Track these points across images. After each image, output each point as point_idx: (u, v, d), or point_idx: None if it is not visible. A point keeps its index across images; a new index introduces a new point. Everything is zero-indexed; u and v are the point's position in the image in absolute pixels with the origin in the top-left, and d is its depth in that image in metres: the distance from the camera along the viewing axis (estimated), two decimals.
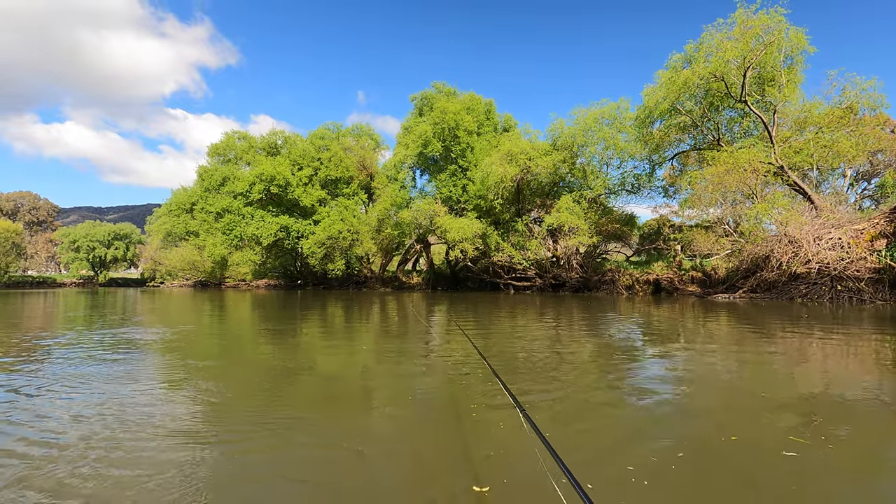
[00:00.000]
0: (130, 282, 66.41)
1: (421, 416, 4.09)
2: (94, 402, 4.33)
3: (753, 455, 3.09)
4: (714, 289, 21.30)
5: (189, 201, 37.59)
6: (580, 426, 3.73)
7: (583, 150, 26.62)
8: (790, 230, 17.76)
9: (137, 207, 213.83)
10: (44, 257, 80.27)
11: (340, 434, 3.52)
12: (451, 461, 3.03)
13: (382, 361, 6.61)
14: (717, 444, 3.29)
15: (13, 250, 56.28)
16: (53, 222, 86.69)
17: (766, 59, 19.88)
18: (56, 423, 3.76)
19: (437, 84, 34.57)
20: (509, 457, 3.07)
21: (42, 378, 5.32)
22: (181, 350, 7.38)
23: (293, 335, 9.39)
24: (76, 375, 5.43)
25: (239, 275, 45.14)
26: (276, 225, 33.64)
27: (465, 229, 26.56)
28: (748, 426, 3.66)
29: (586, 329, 10.00)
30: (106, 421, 3.77)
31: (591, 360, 6.48)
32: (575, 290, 25.98)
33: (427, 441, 3.44)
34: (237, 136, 38.89)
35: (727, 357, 6.67)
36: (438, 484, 2.73)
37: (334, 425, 3.78)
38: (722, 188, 19.84)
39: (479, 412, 4.02)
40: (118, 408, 4.14)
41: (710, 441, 3.35)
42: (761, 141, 21.26)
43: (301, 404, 4.41)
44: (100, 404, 4.24)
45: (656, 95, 22.12)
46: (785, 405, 4.22)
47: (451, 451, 3.20)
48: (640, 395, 4.51)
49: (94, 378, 5.29)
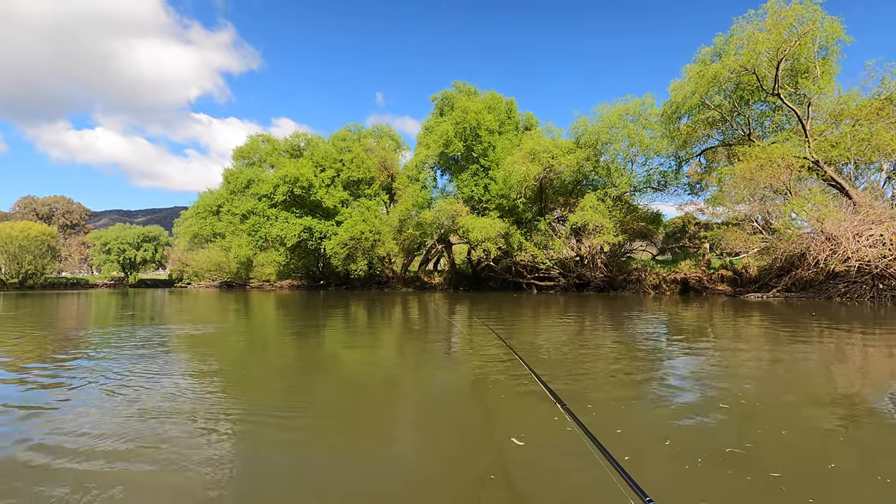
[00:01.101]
0: (159, 283, 68.14)
1: (447, 408, 4.01)
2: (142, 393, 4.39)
3: (788, 458, 2.95)
4: (745, 288, 20.71)
5: (215, 203, 38.35)
6: (611, 426, 3.60)
7: (607, 147, 26.19)
8: (827, 227, 17.12)
9: (165, 210, 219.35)
10: (77, 259, 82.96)
11: (366, 423, 3.49)
12: (480, 450, 2.95)
13: (406, 357, 6.57)
14: (750, 445, 3.14)
15: (48, 253, 58.28)
16: (86, 225, 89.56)
17: (800, 51, 19.22)
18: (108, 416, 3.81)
19: (457, 84, 34.53)
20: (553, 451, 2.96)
21: (96, 373, 5.43)
22: (212, 346, 7.47)
23: (315, 335, 9.43)
24: (125, 372, 5.52)
25: (263, 275, 45.84)
26: (300, 226, 34.04)
27: (487, 229, 26.42)
28: (784, 427, 3.47)
29: (612, 328, 9.79)
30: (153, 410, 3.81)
31: (617, 358, 6.31)
32: (599, 290, 25.58)
33: (453, 435, 3.37)
34: (261, 138, 39.52)
35: (760, 356, 6.42)
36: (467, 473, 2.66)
37: (361, 416, 3.75)
38: (753, 184, 19.25)
39: (509, 400, 3.92)
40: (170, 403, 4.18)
41: (744, 442, 3.18)
42: (795, 135, 20.56)
43: (328, 395, 4.39)
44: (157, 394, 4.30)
45: (684, 90, 21.61)
46: (821, 406, 4.01)
47: (478, 438, 3.12)
48: (671, 395, 4.34)
49: (139, 372, 5.38)
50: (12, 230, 53.35)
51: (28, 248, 53.96)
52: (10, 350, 7.54)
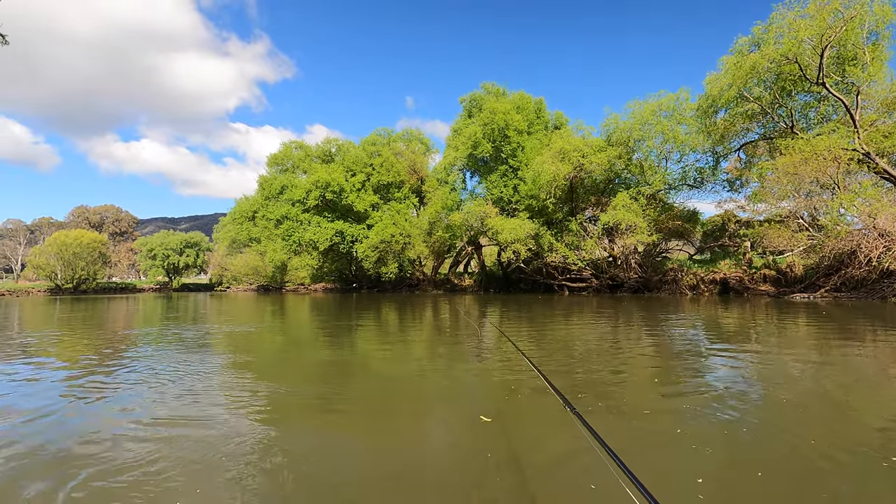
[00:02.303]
0: (200, 286, 70.86)
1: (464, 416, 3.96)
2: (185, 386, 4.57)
3: (839, 473, 2.73)
4: (790, 288, 19.71)
5: (251, 209, 39.56)
6: (644, 432, 3.46)
7: (639, 144, 25.52)
8: (880, 222, 16.10)
9: (206, 217, 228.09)
10: (126, 265, 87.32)
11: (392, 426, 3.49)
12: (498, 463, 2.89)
13: (435, 361, 6.55)
14: (796, 459, 2.94)
15: (100, 259, 61.56)
16: (133, 233, 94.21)
17: (847, 37, 18.17)
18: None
19: (486, 85, 34.42)
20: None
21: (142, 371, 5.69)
22: (250, 347, 7.68)
23: (349, 336, 9.55)
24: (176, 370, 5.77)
25: (298, 279, 46.95)
26: (332, 230, 34.67)
27: (517, 230, 26.18)
28: (832, 440, 3.24)
29: (648, 330, 9.48)
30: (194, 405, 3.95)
31: (654, 363, 6.09)
32: (634, 291, 24.91)
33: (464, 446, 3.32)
34: (294, 145, 40.52)
35: (808, 362, 6.06)
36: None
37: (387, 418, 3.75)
38: (797, 179, 18.31)
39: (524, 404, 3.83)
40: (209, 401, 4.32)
41: (790, 456, 2.98)
42: (843, 126, 19.44)
43: (357, 397, 4.42)
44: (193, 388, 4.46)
45: (721, 83, 20.81)
46: (875, 418, 3.73)
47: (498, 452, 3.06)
48: (710, 404, 4.14)
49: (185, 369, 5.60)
50: (67, 238, 56.62)
51: (81, 254, 57.12)
52: (68, 347, 7.98)
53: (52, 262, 55.97)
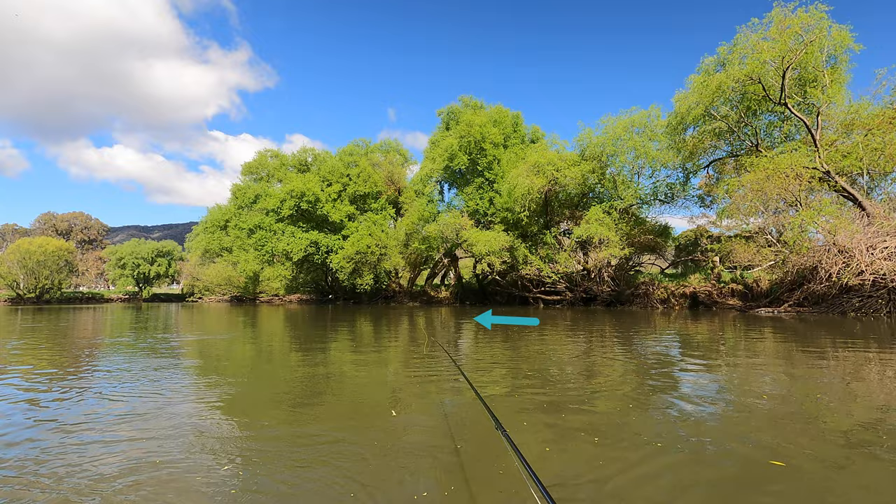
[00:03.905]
0: (172, 297, 68.94)
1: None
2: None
3: (800, 484, 2.66)
4: (756, 302, 20.10)
5: (223, 219, 38.79)
6: (612, 446, 3.33)
7: (612, 159, 25.90)
8: (840, 239, 16.56)
9: (180, 225, 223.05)
10: (94, 274, 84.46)
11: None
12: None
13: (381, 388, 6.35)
14: (760, 469, 2.86)
15: (66, 268, 59.41)
16: (103, 241, 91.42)
17: (807, 59, 18.83)
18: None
19: (463, 98, 34.71)
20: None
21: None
22: (219, 361, 7.35)
23: (323, 352, 9.26)
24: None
25: (272, 290, 46.05)
26: (306, 240, 34.17)
27: (491, 242, 26.19)
28: (797, 451, 3.17)
29: (620, 345, 9.45)
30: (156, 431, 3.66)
31: (624, 376, 6.01)
32: (607, 304, 25.09)
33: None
34: (269, 154, 40.03)
35: (775, 375, 6.06)
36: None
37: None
38: (762, 196, 18.75)
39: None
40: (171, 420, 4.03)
41: (754, 467, 2.90)
42: (804, 145, 20.08)
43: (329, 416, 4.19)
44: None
45: (688, 101, 21.31)
46: (839, 429, 3.69)
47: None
48: (678, 417, 4.05)
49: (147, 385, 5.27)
50: (30, 246, 54.57)
51: (46, 263, 55.06)
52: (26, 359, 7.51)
53: (14, 270, 53.81)
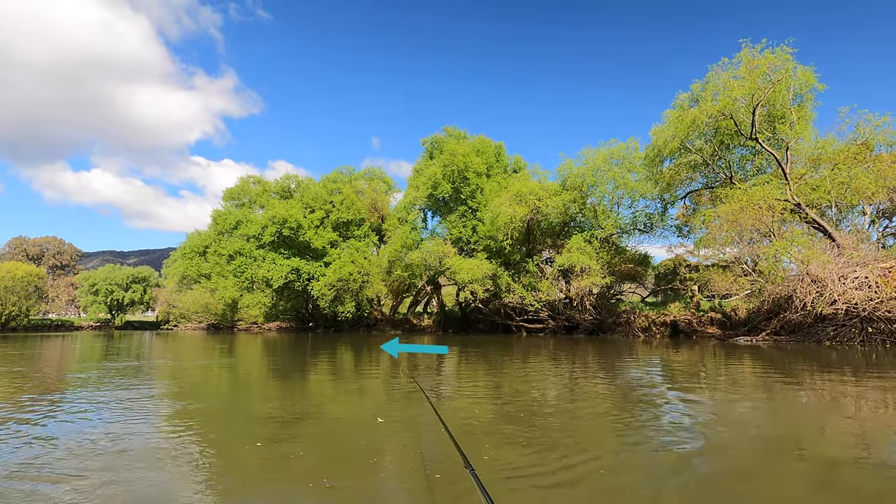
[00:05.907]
0: (146, 324, 66.78)
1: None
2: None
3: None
4: (735, 331, 20.36)
5: (202, 244, 38.16)
6: (595, 484, 3.23)
7: (592, 189, 26.46)
8: (812, 269, 17.02)
9: (158, 251, 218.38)
10: (64, 301, 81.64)
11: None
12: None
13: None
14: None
15: (34, 294, 57.32)
16: (76, 266, 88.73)
17: (775, 97, 19.76)
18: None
19: (447, 128, 35.30)
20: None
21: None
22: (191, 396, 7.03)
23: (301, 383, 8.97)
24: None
25: (250, 317, 45.00)
26: (287, 267, 33.73)
27: (474, 270, 26.21)
28: (779, 484, 3.12)
29: (603, 375, 9.40)
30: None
31: (607, 409, 5.93)
32: (589, 333, 25.12)
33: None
34: (252, 180, 39.85)
35: (755, 406, 6.06)
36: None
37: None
38: (737, 226, 19.29)
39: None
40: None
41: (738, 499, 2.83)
42: (776, 178, 20.84)
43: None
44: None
45: (665, 134, 22.04)
46: (818, 460, 3.66)
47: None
48: (659, 448, 3.98)
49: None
50: None
51: (13, 289, 53.09)
52: None
53: None
